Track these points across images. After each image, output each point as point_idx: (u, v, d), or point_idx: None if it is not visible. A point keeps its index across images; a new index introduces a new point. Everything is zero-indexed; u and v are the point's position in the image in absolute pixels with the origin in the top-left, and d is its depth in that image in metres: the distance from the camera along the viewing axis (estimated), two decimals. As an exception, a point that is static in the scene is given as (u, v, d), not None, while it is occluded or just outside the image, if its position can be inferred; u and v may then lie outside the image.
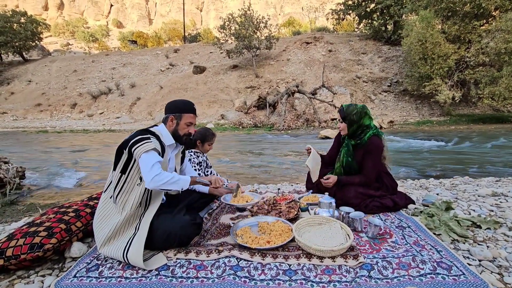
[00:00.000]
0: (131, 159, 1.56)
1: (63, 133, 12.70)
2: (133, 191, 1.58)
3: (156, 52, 26.53)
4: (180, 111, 1.74)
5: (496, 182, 3.18)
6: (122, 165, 1.58)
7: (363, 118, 2.14)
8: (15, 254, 1.44)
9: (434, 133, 9.76)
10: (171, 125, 1.73)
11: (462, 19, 13.19)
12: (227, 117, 14.56)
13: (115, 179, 1.60)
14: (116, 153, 1.60)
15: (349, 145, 2.21)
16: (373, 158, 2.12)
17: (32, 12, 37.41)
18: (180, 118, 1.73)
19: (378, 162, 2.16)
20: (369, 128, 2.15)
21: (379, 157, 2.15)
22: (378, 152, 2.13)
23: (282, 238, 1.64)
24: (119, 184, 1.59)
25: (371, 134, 2.12)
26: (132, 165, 1.57)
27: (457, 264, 1.40)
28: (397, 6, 17.75)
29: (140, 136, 1.57)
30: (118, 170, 1.59)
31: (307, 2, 52.72)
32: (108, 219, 1.59)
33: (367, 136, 2.13)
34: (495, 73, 12.15)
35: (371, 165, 2.13)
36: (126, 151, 1.56)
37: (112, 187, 1.63)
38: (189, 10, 54.66)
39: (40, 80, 23.57)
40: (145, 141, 1.54)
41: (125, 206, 1.57)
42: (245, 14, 18.19)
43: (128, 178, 1.58)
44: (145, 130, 1.66)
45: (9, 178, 3.39)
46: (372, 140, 2.11)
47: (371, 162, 2.12)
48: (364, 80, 16.57)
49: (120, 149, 1.59)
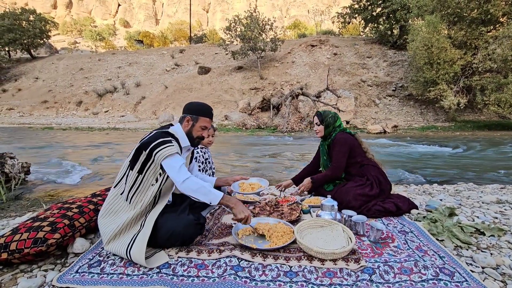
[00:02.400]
0: (149, 159, 1.57)
1: (68, 130, 12.82)
2: (148, 191, 1.59)
3: (162, 52, 26.72)
4: (197, 113, 1.74)
5: (501, 189, 3.15)
6: (140, 165, 1.58)
7: (337, 120, 2.46)
8: (18, 248, 1.45)
9: (438, 139, 9.68)
10: (187, 126, 1.74)
11: (469, 24, 13.09)
12: (230, 118, 14.59)
13: (131, 178, 1.60)
14: (134, 153, 1.60)
15: (324, 145, 2.51)
16: (337, 150, 2.36)
17: (41, 10, 37.87)
18: (197, 120, 1.74)
19: (341, 152, 2.35)
20: (339, 127, 2.46)
21: (342, 147, 2.35)
22: (341, 143, 2.35)
23: (284, 240, 1.64)
24: (135, 184, 1.59)
25: (337, 131, 2.44)
26: (149, 166, 1.58)
27: (460, 270, 1.38)
28: (403, 10, 17.69)
29: (162, 139, 1.58)
30: (135, 170, 1.59)
31: (313, 5, 52.75)
32: (117, 216, 1.60)
33: (334, 134, 2.43)
34: (501, 79, 12.03)
35: (335, 155, 2.37)
36: (146, 152, 1.56)
37: (125, 185, 1.64)
38: (195, 11, 55.02)
39: (47, 77, 23.86)
40: (168, 145, 1.56)
41: (137, 205, 1.58)
42: (251, 16, 18.26)
43: (144, 179, 1.59)
44: (166, 133, 1.66)
45: (14, 173, 3.43)
46: (336, 136, 2.41)
47: (335, 152, 2.37)
48: (368, 84, 16.52)
49: (139, 149, 1.59)
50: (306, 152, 7.03)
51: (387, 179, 2.34)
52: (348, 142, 2.35)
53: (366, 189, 2.20)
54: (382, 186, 2.27)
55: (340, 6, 28.00)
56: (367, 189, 2.20)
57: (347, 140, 2.35)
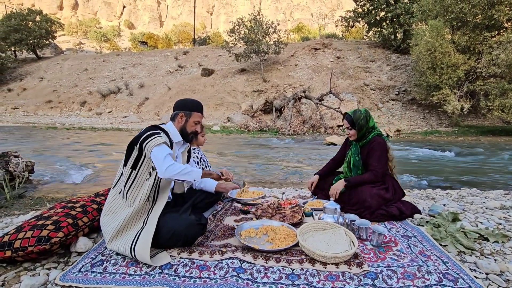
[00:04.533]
0: (141, 154, 1.60)
1: (71, 130, 12.90)
2: (143, 186, 1.61)
3: (166, 53, 26.88)
4: (190, 109, 1.79)
5: (505, 195, 3.12)
6: (133, 161, 1.61)
7: (369, 120, 2.31)
8: (22, 246, 1.46)
9: (441, 144, 9.63)
10: (180, 122, 1.78)
11: (473, 29, 13.07)
12: (233, 120, 14.62)
13: (125, 174, 1.63)
14: (127, 149, 1.64)
15: (357, 146, 2.36)
16: (378, 155, 2.23)
17: (47, 11, 38.36)
18: (190, 116, 1.78)
19: (383, 159, 2.25)
20: (373, 129, 2.32)
21: (383, 154, 2.25)
22: (382, 149, 2.24)
23: (286, 242, 1.63)
24: (129, 180, 1.62)
25: (374, 134, 2.30)
26: (143, 161, 1.60)
27: (464, 276, 1.37)
28: (407, 15, 17.70)
29: (150, 132, 1.62)
30: (129, 166, 1.62)
31: (317, 9, 52.94)
32: (117, 214, 1.62)
33: (371, 136, 2.29)
34: (505, 85, 11.98)
35: (376, 160, 2.23)
36: (137, 147, 1.59)
37: (121, 182, 1.65)
38: (199, 13, 55.41)
39: (52, 77, 24.06)
40: (156, 136, 1.59)
41: (135, 201, 1.60)
42: (254, 18, 18.35)
43: (138, 174, 1.61)
44: (154, 126, 1.71)
45: (19, 172, 3.45)
46: (376, 139, 2.27)
47: (376, 158, 2.23)
48: (371, 88, 16.50)
49: (131, 145, 1.62)
50: (307, 155, 7.02)
51: (401, 189, 2.33)
52: (386, 149, 2.27)
53: (381, 191, 2.18)
54: (397, 194, 2.27)
55: (344, 9, 28.10)
56: (383, 192, 2.19)
57: (385, 146, 2.27)
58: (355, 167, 2.35)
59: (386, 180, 2.29)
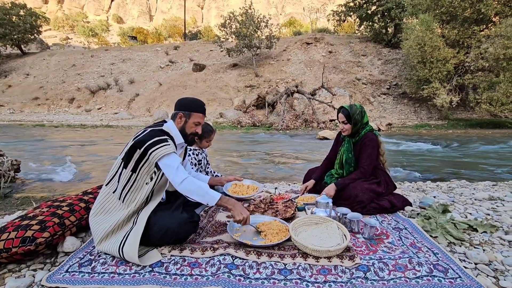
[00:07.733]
0: (143, 158, 1.54)
1: (60, 128, 12.60)
2: (141, 189, 1.57)
3: (156, 48, 26.39)
4: (190, 109, 1.71)
5: (493, 186, 3.19)
6: (134, 163, 1.56)
7: (364, 116, 2.30)
8: (6, 248, 1.41)
9: (431, 137, 9.79)
10: (179, 122, 1.71)
11: (462, 23, 13.23)
12: (226, 116, 14.53)
13: (125, 177, 1.58)
14: (128, 151, 1.57)
15: (350, 142, 2.34)
16: (368, 151, 2.23)
17: (32, 5, 36.97)
18: (189, 116, 1.71)
19: (373, 155, 2.25)
20: (366, 125, 2.31)
21: (374, 150, 2.25)
22: (373, 145, 2.23)
23: (279, 237, 1.62)
24: (129, 183, 1.57)
25: (367, 130, 2.29)
26: (143, 165, 1.55)
27: (454, 267, 1.39)
28: (398, 9, 17.79)
29: (157, 138, 1.55)
30: (129, 168, 1.57)
31: (309, 3, 52.74)
32: (109, 215, 1.57)
33: (363, 132, 2.28)
34: (493, 78, 12.21)
35: (366, 157, 2.23)
36: (140, 151, 1.53)
37: (118, 183, 1.60)
38: (190, 7, 54.46)
39: (38, 73, 23.37)
40: (164, 144, 1.54)
41: (132, 204, 1.56)
42: (246, 13, 18.13)
43: (138, 177, 1.56)
44: (160, 131, 1.62)
45: (4, 171, 3.35)
46: (368, 135, 2.26)
47: (366, 154, 2.24)
48: (363, 82, 16.60)
49: (134, 147, 1.55)
50: (300, 150, 7.04)
51: (393, 183, 2.34)
52: (377, 145, 2.27)
53: (373, 186, 2.19)
54: (389, 187, 2.28)
55: (335, 4, 28.05)
56: (374, 186, 2.19)
57: (377, 142, 2.27)
58: (347, 164, 2.33)
59: (378, 174, 2.29)
